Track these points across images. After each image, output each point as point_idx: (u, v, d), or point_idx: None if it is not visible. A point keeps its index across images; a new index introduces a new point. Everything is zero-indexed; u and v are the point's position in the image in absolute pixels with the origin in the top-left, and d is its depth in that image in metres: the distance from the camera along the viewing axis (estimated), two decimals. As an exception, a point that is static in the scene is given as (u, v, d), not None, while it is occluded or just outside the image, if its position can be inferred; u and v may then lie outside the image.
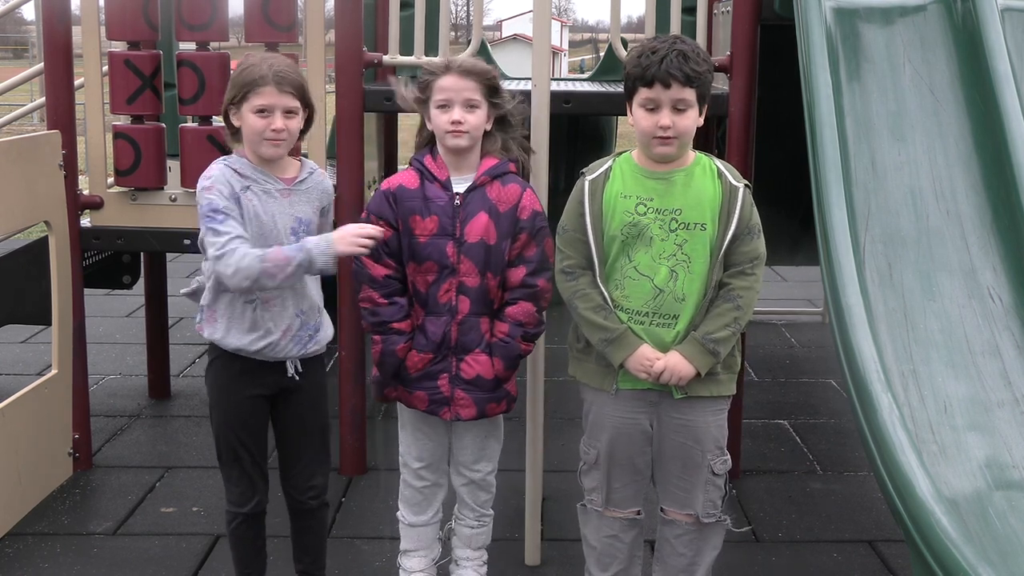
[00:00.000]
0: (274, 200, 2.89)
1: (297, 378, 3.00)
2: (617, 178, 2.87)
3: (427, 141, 3.11)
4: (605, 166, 2.90)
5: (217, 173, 2.86)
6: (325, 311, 3.09)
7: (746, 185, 2.85)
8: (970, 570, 2.25)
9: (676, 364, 2.79)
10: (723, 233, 2.80)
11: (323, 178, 3.05)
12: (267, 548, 3.21)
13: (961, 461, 2.59)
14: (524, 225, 3.02)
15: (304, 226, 2.94)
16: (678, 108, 2.75)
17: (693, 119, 2.78)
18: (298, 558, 3.21)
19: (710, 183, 2.83)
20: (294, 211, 2.92)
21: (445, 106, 2.96)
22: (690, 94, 2.75)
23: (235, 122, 2.88)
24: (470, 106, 2.96)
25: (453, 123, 2.95)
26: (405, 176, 3.07)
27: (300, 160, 3.03)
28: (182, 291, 3.07)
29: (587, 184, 2.89)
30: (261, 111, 2.81)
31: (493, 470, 3.24)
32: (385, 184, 3.09)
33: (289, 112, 2.84)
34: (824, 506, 4.06)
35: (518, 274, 3.01)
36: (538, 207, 3.07)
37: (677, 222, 2.80)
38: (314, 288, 3.02)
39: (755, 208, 2.85)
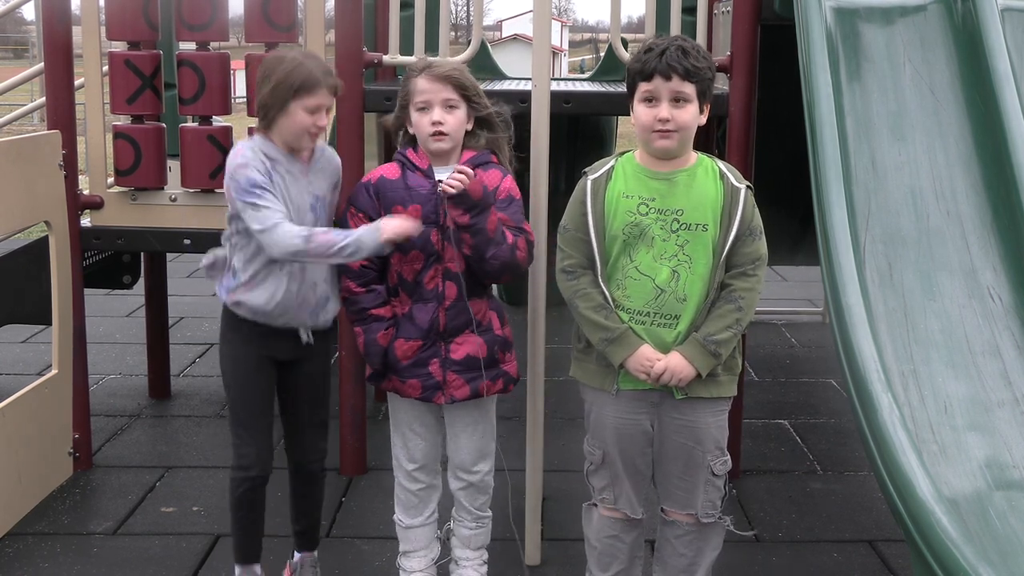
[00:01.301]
0: (295, 180, 3.03)
1: (311, 344, 3.13)
2: (619, 178, 2.87)
3: (409, 141, 3.12)
4: (607, 166, 2.91)
5: (250, 153, 2.98)
6: (337, 286, 3.18)
7: (748, 186, 2.85)
8: (970, 570, 2.25)
9: (677, 365, 2.79)
10: (725, 234, 2.80)
11: (332, 154, 3.20)
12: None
13: (961, 461, 2.59)
14: (501, 204, 3.02)
15: (320, 201, 3.09)
16: (677, 101, 2.75)
17: (692, 114, 2.78)
18: (296, 519, 3.32)
19: (712, 184, 2.83)
20: (312, 188, 3.07)
21: (424, 108, 2.99)
22: (689, 88, 2.75)
23: (277, 115, 2.97)
24: (449, 106, 2.99)
25: (433, 124, 2.97)
26: (386, 168, 3.11)
27: None
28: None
29: (589, 183, 2.89)
30: (313, 110, 2.96)
31: (490, 470, 3.24)
32: (366, 177, 3.13)
33: (328, 109, 3.03)
34: (824, 506, 4.06)
35: None
36: (516, 194, 3.07)
37: (679, 223, 2.80)
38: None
39: (757, 209, 2.85)
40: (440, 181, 2.95)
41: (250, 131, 3.09)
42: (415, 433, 3.18)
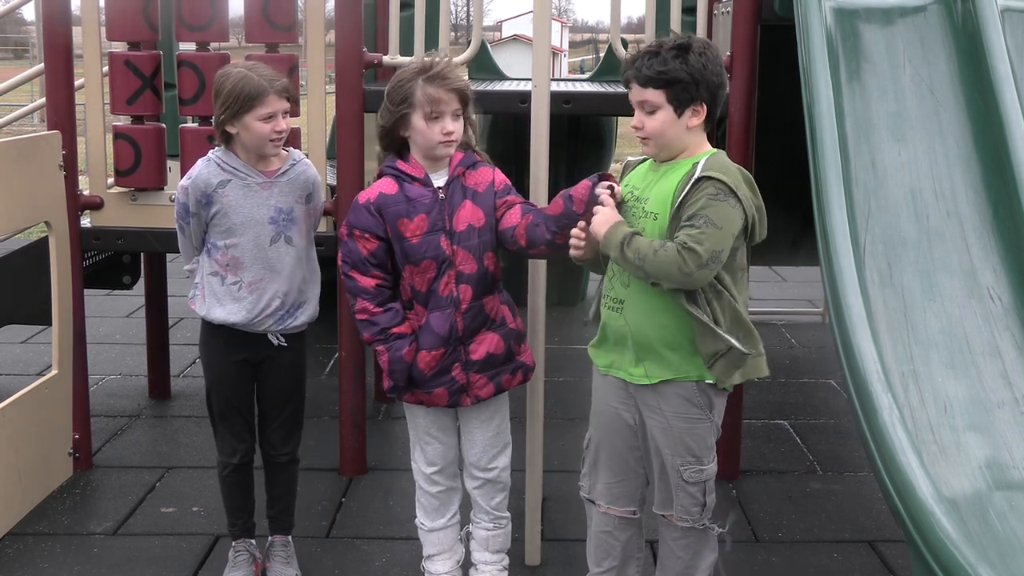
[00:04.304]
0: (253, 193, 3.19)
1: (283, 346, 3.29)
2: (631, 170, 2.96)
3: (396, 146, 3.08)
4: (636, 158, 3.00)
5: (196, 173, 3.20)
6: (315, 292, 3.35)
7: (710, 177, 2.69)
8: (970, 570, 2.24)
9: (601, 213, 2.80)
10: (673, 223, 2.72)
11: (305, 168, 3.31)
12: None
13: (961, 461, 2.59)
14: (504, 192, 3.09)
15: (284, 215, 3.23)
16: (647, 110, 2.76)
17: (661, 121, 2.74)
18: (270, 505, 3.49)
19: (680, 176, 2.77)
20: (273, 202, 3.21)
21: (436, 117, 2.96)
22: (653, 95, 2.72)
23: (232, 130, 3.14)
24: (457, 115, 3.00)
25: (446, 134, 2.97)
26: (382, 184, 3.06)
27: (287, 151, 3.28)
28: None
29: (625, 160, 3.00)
30: (268, 118, 3.10)
31: (507, 466, 3.23)
32: (363, 197, 3.06)
33: (285, 113, 3.16)
34: (824, 506, 4.06)
35: (516, 212, 3.05)
36: (508, 181, 3.13)
37: (644, 211, 2.83)
38: (299, 271, 3.28)
39: (716, 203, 2.67)
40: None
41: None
42: (432, 437, 3.19)
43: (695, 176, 2.71)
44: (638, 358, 2.84)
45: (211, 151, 3.24)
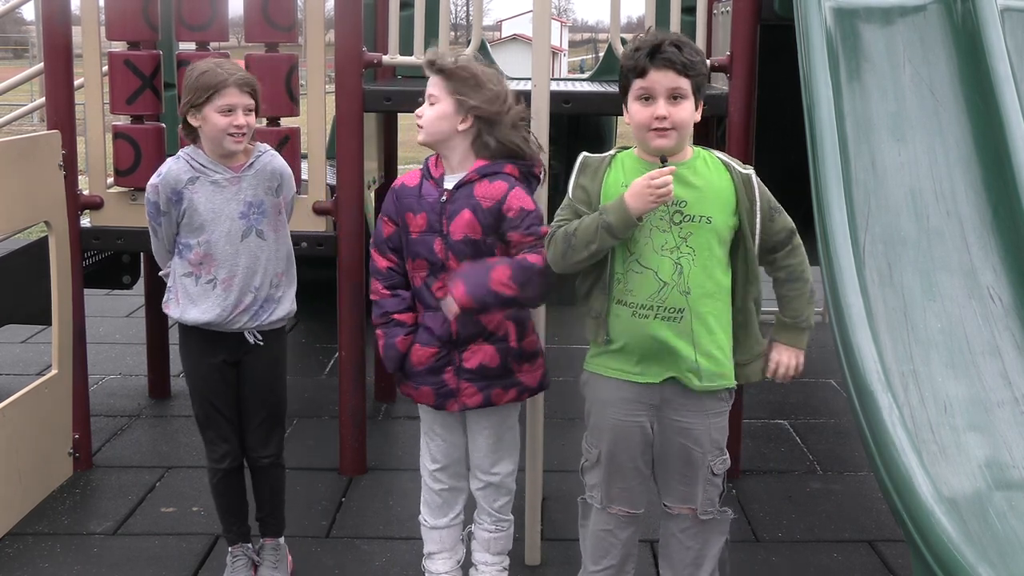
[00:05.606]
0: (221, 190, 3.17)
1: (260, 344, 3.26)
2: (618, 169, 2.83)
3: None
4: (606, 153, 2.90)
5: (166, 171, 3.19)
6: (290, 287, 3.31)
7: (753, 170, 2.85)
8: (970, 570, 2.25)
9: (784, 358, 2.89)
10: (751, 220, 2.80)
11: (271, 159, 3.26)
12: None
13: (961, 461, 2.59)
14: (513, 223, 2.95)
15: (255, 208, 3.20)
16: (674, 97, 2.71)
17: (689, 111, 2.74)
18: (258, 507, 3.45)
19: (716, 175, 2.80)
20: (242, 196, 3.18)
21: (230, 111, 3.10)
22: (685, 83, 2.71)
23: (194, 122, 3.14)
24: (430, 102, 2.98)
25: (417, 116, 3.00)
26: (410, 175, 3.12)
27: (252, 145, 3.24)
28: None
29: (581, 157, 2.90)
30: (226, 110, 3.08)
31: (512, 472, 3.22)
32: (395, 182, 3.17)
33: (248, 110, 3.12)
34: (824, 506, 4.06)
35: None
36: (527, 205, 2.96)
37: (682, 214, 2.76)
38: (272, 266, 3.24)
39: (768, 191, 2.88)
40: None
41: (182, 142, 3.22)
42: (436, 435, 3.19)
43: (749, 174, 2.84)
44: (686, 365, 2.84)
45: (181, 149, 3.21)
